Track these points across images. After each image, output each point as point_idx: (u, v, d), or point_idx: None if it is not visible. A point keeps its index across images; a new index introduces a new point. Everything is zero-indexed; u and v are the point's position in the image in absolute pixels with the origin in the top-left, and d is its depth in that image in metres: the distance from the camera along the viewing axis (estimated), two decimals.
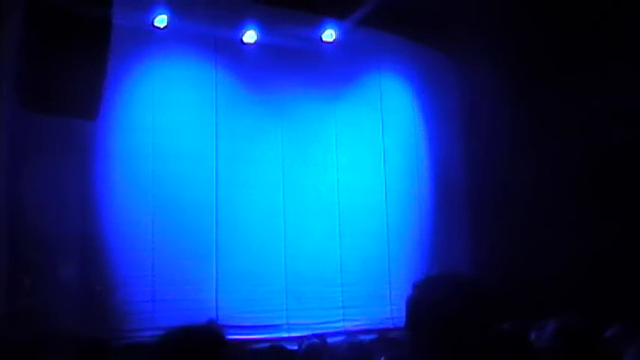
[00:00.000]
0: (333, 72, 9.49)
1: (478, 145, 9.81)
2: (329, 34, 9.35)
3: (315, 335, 8.09)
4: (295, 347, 7.44)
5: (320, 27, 9.32)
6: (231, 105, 8.80)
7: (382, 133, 9.79)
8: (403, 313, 1.97)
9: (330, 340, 8.08)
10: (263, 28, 8.88)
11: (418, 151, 10.11)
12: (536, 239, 8.83)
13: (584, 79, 8.52)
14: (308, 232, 8.88)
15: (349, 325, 8.69)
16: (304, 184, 9.05)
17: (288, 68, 9.16)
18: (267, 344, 7.80)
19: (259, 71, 9.02)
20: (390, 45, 9.89)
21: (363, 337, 7.80)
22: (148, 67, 8.31)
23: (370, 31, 9.52)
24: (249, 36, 8.89)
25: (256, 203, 8.66)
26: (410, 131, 10.13)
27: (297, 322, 8.40)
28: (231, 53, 8.92)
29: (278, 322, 8.43)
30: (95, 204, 7.69)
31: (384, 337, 8.18)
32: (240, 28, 8.84)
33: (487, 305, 1.95)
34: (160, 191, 8.08)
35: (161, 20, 8.31)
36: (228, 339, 2.46)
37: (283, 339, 7.94)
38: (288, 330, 8.35)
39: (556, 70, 8.94)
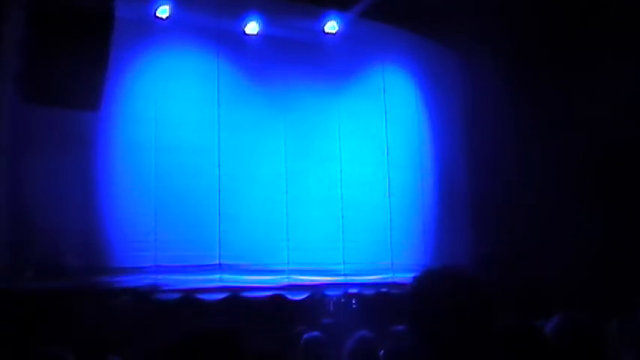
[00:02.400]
0: (336, 64, 9.45)
1: (481, 138, 9.78)
2: (332, 26, 9.31)
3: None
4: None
5: (322, 19, 9.28)
6: (233, 97, 8.79)
7: (385, 125, 9.76)
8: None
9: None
10: (265, 19, 8.85)
11: (421, 144, 10.09)
12: (539, 234, 8.83)
13: (588, 73, 8.48)
14: (310, 224, 8.88)
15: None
16: (307, 177, 9.04)
17: (290, 60, 9.13)
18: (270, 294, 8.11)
19: (262, 63, 8.99)
20: (393, 37, 9.84)
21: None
22: (150, 59, 8.29)
23: (373, 23, 9.47)
24: (252, 27, 8.86)
25: (259, 195, 8.66)
26: (413, 124, 10.11)
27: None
28: (234, 45, 8.89)
29: None
30: (97, 196, 7.70)
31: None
32: (242, 19, 8.81)
33: (487, 299, 1.95)
34: (163, 183, 8.08)
35: (163, 11, 8.29)
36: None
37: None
38: None
39: (559, 64, 8.90)
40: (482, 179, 9.67)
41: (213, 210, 8.36)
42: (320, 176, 9.10)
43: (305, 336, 4.69)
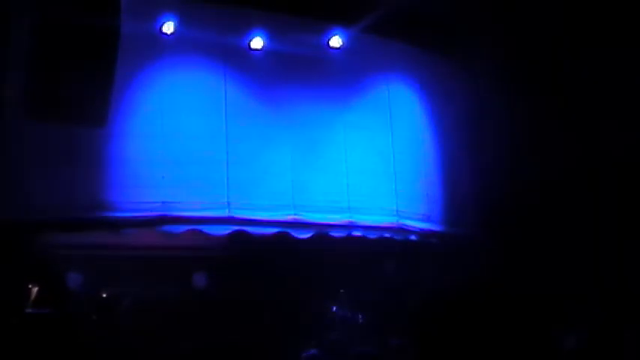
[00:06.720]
0: (341, 77, 9.50)
1: (485, 148, 9.80)
2: (336, 41, 9.38)
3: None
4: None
5: (327, 34, 9.35)
6: (240, 110, 8.84)
7: (390, 137, 9.79)
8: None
9: None
10: (270, 34, 8.93)
11: (426, 155, 10.11)
12: (544, 239, 8.83)
13: (590, 79, 8.52)
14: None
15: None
16: (314, 190, 9.05)
17: (296, 74, 9.20)
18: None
19: (268, 77, 9.05)
20: (397, 51, 9.90)
21: None
22: (156, 74, 8.37)
23: (377, 37, 9.54)
24: (256, 42, 8.93)
25: (267, 209, 8.68)
26: (418, 135, 10.13)
27: None
28: (240, 59, 8.97)
29: None
30: (106, 210, 7.75)
31: None
32: (247, 34, 8.90)
33: (485, 320, 2.01)
34: (171, 198, 8.11)
35: (169, 27, 8.37)
36: None
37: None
38: None
39: (560, 71, 8.94)
40: (488, 189, 9.67)
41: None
42: (327, 189, 9.11)
43: (304, 354, 4.69)
